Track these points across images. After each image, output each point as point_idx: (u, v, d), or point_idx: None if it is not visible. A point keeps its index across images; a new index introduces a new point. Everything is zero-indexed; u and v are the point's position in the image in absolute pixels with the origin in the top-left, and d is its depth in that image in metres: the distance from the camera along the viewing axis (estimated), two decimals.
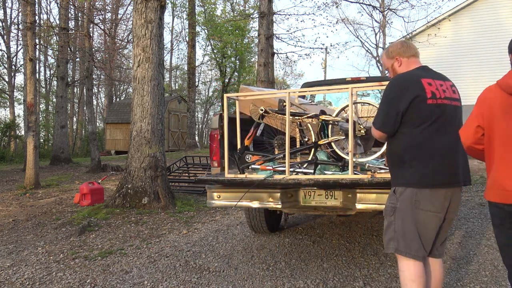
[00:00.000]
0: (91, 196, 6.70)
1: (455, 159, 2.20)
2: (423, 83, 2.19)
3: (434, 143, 2.17)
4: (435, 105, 2.17)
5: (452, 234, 4.36)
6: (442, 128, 2.18)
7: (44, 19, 21.09)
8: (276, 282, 3.20)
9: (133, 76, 6.55)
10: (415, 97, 2.16)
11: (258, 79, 11.07)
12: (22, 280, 3.47)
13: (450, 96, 2.24)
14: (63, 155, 14.90)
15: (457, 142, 2.13)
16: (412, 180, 2.19)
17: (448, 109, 2.21)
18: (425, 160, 2.17)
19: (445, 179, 2.17)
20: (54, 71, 27.54)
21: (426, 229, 2.19)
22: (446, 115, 2.20)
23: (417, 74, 2.26)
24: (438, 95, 2.19)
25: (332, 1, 12.88)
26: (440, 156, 2.17)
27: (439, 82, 2.25)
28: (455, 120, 2.23)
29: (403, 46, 2.40)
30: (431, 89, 2.19)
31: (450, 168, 2.18)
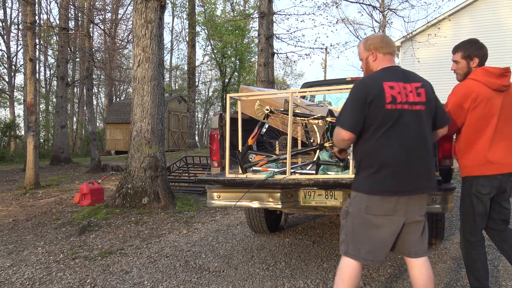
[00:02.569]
0: (91, 196, 6.70)
1: (412, 166, 2.12)
2: (384, 87, 2.13)
3: (388, 150, 2.11)
4: (394, 110, 2.10)
5: (452, 234, 4.36)
6: (399, 134, 2.11)
7: (44, 19, 21.07)
8: (276, 282, 3.20)
9: (133, 76, 6.55)
10: (374, 101, 2.10)
11: (258, 79, 11.07)
12: (22, 280, 3.47)
13: (412, 100, 2.14)
14: (63, 155, 14.90)
15: (416, 149, 2.12)
16: (362, 186, 2.18)
17: (407, 114, 2.12)
18: (377, 167, 2.12)
19: (396, 187, 2.11)
20: (54, 71, 27.56)
21: (379, 233, 2.16)
22: (405, 120, 2.11)
23: (380, 77, 2.19)
24: (399, 100, 2.12)
25: (332, 1, 12.90)
26: (394, 164, 2.10)
27: (403, 85, 2.16)
28: (415, 125, 2.13)
29: (383, 41, 2.31)
30: (392, 93, 2.12)
31: (403, 176, 2.11)
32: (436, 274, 3.25)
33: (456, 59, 2.75)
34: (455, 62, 2.75)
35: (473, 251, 2.58)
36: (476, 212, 2.53)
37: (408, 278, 3.17)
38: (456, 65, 2.77)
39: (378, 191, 2.13)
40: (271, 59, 11.76)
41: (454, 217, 5.07)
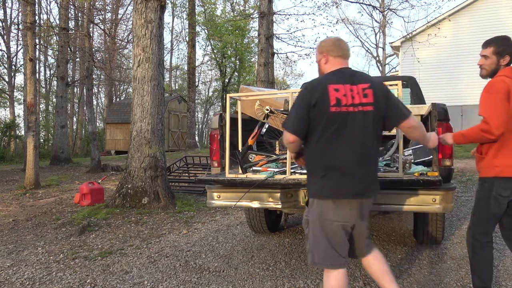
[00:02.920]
0: (91, 196, 6.70)
1: (359, 168, 2.13)
2: (329, 90, 2.13)
3: (335, 153, 2.12)
4: (338, 113, 2.11)
5: (452, 234, 4.36)
6: (345, 136, 2.11)
7: (44, 19, 21.07)
8: (276, 282, 3.20)
9: (133, 76, 6.55)
10: (318, 104, 2.10)
11: (258, 79, 11.07)
12: (22, 280, 3.47)
13: (358, 101, 2.13)
14: (63, 155, 14.90)
15: (363, 151, 2.12)
16: (315, 191, 2.18)
17: (353, 117, 2.12)
18: (325, 171, 2.13)
19: (347, 190, 2.12)
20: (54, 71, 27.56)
21: (336, 238, 2.17)
22: (351, 123, 2.11)
23: (326, 80, 2.20)
24: (344, 102, 2.11)
25: (332, 1, 12.89)
26: (341, 166, 2.11)
27: (350, 87, 2.15)
28: (362, 126, 2.13)
29: (334, 44, 2.31)
30: (336, 96, 2.11)
31: (352, 179, 2.11)
32: (436, 274, 3.26)
33: (486, 54, 2.57)
34: (484, 57, 2.59)
35: (481, 251, 2.57)
36: (491, 213, 2.52)
37: (408, 278, 3.17)
38: (484, 60, 2.60)
39: (329, 195, 2.13)
40: (271, 59, 11.76)
41: (454, 217, 5.07)
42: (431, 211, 2.94)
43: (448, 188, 2.94)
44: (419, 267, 3.42)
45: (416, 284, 3.07)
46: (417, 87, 5.26)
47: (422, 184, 2.77)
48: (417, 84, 5.34)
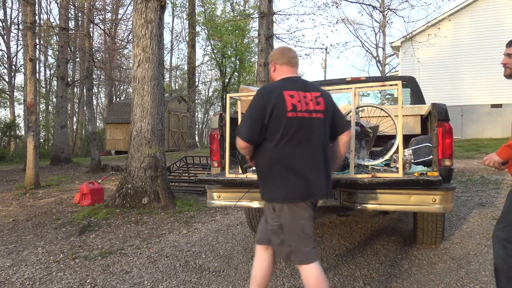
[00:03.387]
0: (91, 196, 6.70)
1: (314, 172, 2.22)
2: (285, 95, 2.19)
3: (292, 157, 2.19)
4: (295, 118, 2.18)
5: (452, 234, 4.36)
6: (301, 142, 2.19)
7: (44, 19, 21.09)
8: (276, 282, 3.20)
9: (133, 76, 6.55)
10: (276, 110, 2.17)
11: (258, 79, 11.06)
12: (22, 280, 3.47)
13: (312, 108, 2.23)
14: (63, 155, 14.90)
15: (317, 155, 2.22)
16: (278, 195, 2.23)
17: (307, 122, 2.21)
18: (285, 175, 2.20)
19: (304, 193, 2.20)
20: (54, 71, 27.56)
21: (308, 233, 2.26)
22: (306, 128, 2.20)
23: (280, 86, 2.26)
24: (299, 108, 2.19)
25: (332, 1, 12.88)
26: (299, 170, 2.19)
27: (303, 94, 2.24)
28: (316, 132, 2.23)
29: (280, 53, 2.41)
30: (292, 102, 2.19)
31: (308, 182, 2.20)
32: (436, 274, 3.26)
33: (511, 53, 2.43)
34: (508, 56, 2.46)
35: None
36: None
37: (408, 278, 3.17)
38: (508, 58, 2.46)
39: (291, 198, 2.20)
40: None
41: (454, 217, 5.07)
42: (431, 211, 2.94)
43: (448, 188, 2.94)
44: (419, 267, 3.42)
45: (416, 284, 3.07)
46: (417, 87, 5.26)
47: (422, 184, 2.77)
48: (417, 84, 5.34)
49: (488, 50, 16.61)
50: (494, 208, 5.48)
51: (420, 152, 3.29)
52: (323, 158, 2.26)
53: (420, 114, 3.90)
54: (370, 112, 3.58)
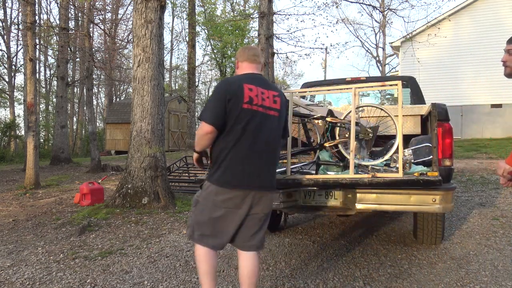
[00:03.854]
0: (91, 196, 6.70)
1: (258, 165, 2.31)
2: (244, 87, 2.29)
3: (240, 147, 2.28)
4: (249, 110, 2.27)
5: (452, 234, 4.36)
6: (251, 133, 2.28)
7: (44, 19, 21.09)
8: (276, 282, 3.20)
9: (133, 76, 6.54)
10: (233, 99, 2.26)
11: None
12: (22, 280, 3.47)
13: (268, 105, 2.33)
14: (63, 155, 14.90)
15: (264, 150, 2.31)
16: (214, 178, 2.34)
17: (261, 117, 2.30)
18: (228, 162, 2.29)
19: (243, 182, 2.29)
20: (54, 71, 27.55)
21: (222, 223, 2.35)
22: (258, 122, 2.29)
23: (241, 79, 2.37)
24: (255, 102, 2.29)
25: (332, 1, 12.88)
26: (244, 160, 2.28)
27: (262, 90, 2.34)
28: (267, 128, 2.32)
29: (241, 51, 2.52)
30: (250, 94, 2.28)
31: (251, 173, 2.29)
32: (436, 274, 3.26)
33: None
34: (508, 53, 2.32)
35: None
36: None
37: (408, 278, 3.17)
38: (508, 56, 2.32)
39: (228, 184, 2.30)
40: (271, 59, 11.75)
41: (454, 217, 5.07)
42: (431, 211, 2.95)
43: (448, 188, 2.94)
44: (419, 267, 3.42)
45: (416, 284, 3.07)
46: (417, 87, 5.26)
47: (422, 184, 2.77)
48: (417, 84, 5.34)
49: (488, 50, 16.60)
50: (494, 208, 5.48)
51: (420, 152, 3.29)
52: (269, 153, 2.34)
53: (420, 114, 3.90)
54: (370, 112, 3.58)
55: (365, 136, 3.16)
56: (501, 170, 2.21)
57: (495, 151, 12.02)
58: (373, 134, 3.21)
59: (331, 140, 3.34)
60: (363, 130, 3.20)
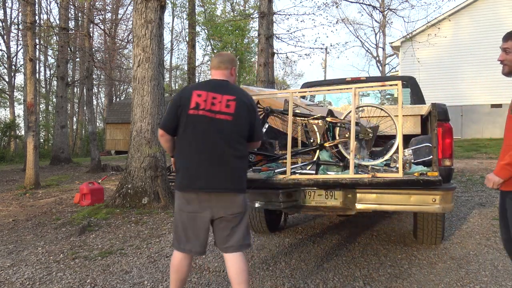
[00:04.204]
0: (91, 196, 6.70)
1: (206, 167, 2.37)
2: (193, 94, 2.42)
3: (187, 150, 2.41)
4: (195, 116, 2.39)
5: (452, 234, 4.36)
6: (198, 137, 2.39)
7: (44, 19, 21.08)
8: (276, 282, 3.20)
9: (133, 76, 6.54)
10: (182, 106, 2.41)
11: (258, 79, 11.07)
12: (22, 280, 3.47)
13: (218, 109, 2.40)
14: (63, 155, 14.90)
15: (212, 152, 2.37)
16: (176, 184, 2.46)
17: (207, 121, 2.39)
18: (182, 166, 2.43)
19: (192, 185, 2.38)
20: (54, 71, 27.55)
21: (191, 227, 2.43)
22: (204, 126, 2.38)
23: (194, 86, 2.52)
24: (202, 107, 2.39)
25: (332, 1, 12.87)
26: (192, 163, 2.39)
27: (213, 95, 2.42)
28: (214, 131, 2.38)
29: (212, 59, 2.65)
30: (197, 100, 2.40)
31: (199, 175, 2.37)
32: (436, 274, 3.26)
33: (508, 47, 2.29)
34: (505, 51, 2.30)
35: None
36: None
37: (408, 278, 3.18)
38: (505, 54, 2.30)
39: (181, 187, 2.43)
40: (271, 59, 11.75)
41: (454, 217, 5.07)
42: (431, 211, 2.94)
43: (448, 188, 2.94)
44: (419, 267, 3.42)
45: (416, 284, 3.07)
46: (417, 87, 5.26)
47: (422, 184, 2.77)
48: (417, 84, 5.34)
49: (488, 50, 16.59)
50: (494, 208, 5.48)
51: (420, 152, 3.29)
52: (219, 156, 2.38)
53: (420, 114, 3.90)
54: (370, 112, 3.58)
55: (365, 136, 3.16)
56: (491, 184, 2.20)
57: (495, 151, 12.02)
58: (373, 134, 3.21)
59: (331, 140, 3.34)
60: (363, 130, 3.20)
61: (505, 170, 2.19)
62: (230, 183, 2.41)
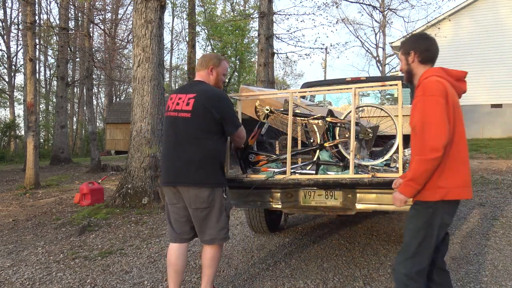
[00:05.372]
0: (91, 196, 6.70)
1: (173, 162, 2.61)
2: (169, 98, 2.70)
3: (164, 149, 2.72)
4: (167, 117, 2.69)
5: (452, 234, 4.36)
6: (168, 136, 2.66)
7: (44, 19, 21.09)
8: (276, 282, 3.20)
9: (133, 76, 6.54)
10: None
11: (258, 79, 11.07)
12: (22, 280, 3.47)
13: (180, 108, 2.60)
14: (63, 155, 14.90)
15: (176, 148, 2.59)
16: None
17: (173, 120, 2.63)
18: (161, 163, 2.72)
19: (164, 179, 2.68)
20: (54, 71, 27.56)
21: (175, 218, 2.71)
22: (172, 125, 2.63)
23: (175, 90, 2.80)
24: (171, 108, 2.64)
25: (332, 1, 12.89)
26: (164, 160, 2.70)
27: (180, 96, 2.65)
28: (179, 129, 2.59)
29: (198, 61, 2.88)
30: (169, 103, 2.68)
31: (169, 170, 2.63)
32: None
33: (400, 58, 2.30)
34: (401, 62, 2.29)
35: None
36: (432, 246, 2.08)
37: None
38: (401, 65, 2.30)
39: (161, 182, 2.78)
40: (271, 59, 11.75)
41: (454, 217, 5.06)
42: None
43: None
44: None
45: None
46: None
47: None
48: None
49: (488, 50, 16.61)
50: (494, 208, 5.48)
51: None
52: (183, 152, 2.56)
53: None
54: (370, 112, 3.58)
55: (365, 136, 3.15)
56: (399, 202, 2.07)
57: (495, 151, 12.02)
58: (373, 134, 3.20)
59: (331, 140, 3.33)
60: (363, 130, 3.20)
61: (409, 187, 2.01)
62: (192, 178, 2.55)
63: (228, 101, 2.71)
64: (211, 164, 2.58)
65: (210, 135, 2.58)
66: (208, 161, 2.57)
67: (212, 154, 2.60)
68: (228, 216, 2.72)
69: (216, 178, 2.61)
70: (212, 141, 2.58)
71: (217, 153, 2.64)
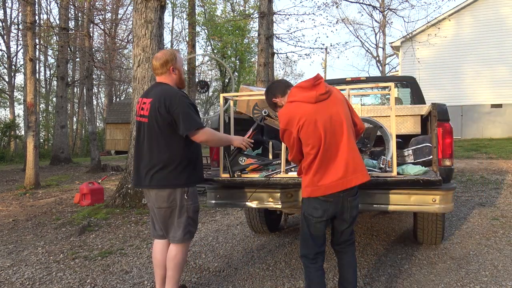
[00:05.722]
0: (91, 196, 6.70)
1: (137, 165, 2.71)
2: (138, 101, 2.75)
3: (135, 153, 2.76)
4: (136, 121, 2.77)
5: (452, 234, 4.36)
6: (138, 140, 2.73)
7: (44, 19, 21.09)
8: (276, 282, 3.20)
9: (133, 76, 6.54)
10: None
11: (258, 79, 11.07)
12: (22, 280, 3.47)
13: (142, 113, 2.67)
14: (63, 155, 14.91)
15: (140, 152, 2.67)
16: None
17: (138, 124, 2.72)
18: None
19: (133, 181, 2.79)
20: (54, 71, 27.57)
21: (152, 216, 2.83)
22: (141, 130, 2.70)
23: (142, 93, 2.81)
24: (138, 113, 2.71)
25: (332, 1, 12.89)
26: (134, 162, 2.76)
27: (144, 100, 2.68)
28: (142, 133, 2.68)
29: None
30: (137, 108, 2.74)
31: (135, 173, 2.74)
32: (436, 274, 3.25)
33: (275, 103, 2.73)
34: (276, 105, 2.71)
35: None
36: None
37: (408, 278, 3.18)
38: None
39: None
40: (271, 59, 11.76)
41: (454, 217, 5.07)
42: (431, 211, 2.94)
43: (448, 188, 2.94)
44: (419, 267, 3.42)
45: (416, 284, 3.07)
46: (417, 87, 5.25)
47: (422, 184, 2.77)
48: (417, 84, 5.33)
49: (489, 49, 16.61)
50: (494, 208, 5.48)
51: (420, 152, 3.29)
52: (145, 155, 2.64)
53: (420, 114, 3.90)
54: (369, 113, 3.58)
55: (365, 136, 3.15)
56: None
57: (495, 151, 12.02)
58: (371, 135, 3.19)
59: None
60: None
61: None
62: (149, 180, 2.63)
63: (181, 100, 2.56)
64: (173, 166, 2.58)
65: (170, 137, 2.58)
66: (169, 163, 2.58)
67: (174, 157, 2.58)
68: (190, 217, 2.69)
69: (176, 179, 2.60)
70: (175, 143, 2.58)
71: (181, 154, 2.60)
